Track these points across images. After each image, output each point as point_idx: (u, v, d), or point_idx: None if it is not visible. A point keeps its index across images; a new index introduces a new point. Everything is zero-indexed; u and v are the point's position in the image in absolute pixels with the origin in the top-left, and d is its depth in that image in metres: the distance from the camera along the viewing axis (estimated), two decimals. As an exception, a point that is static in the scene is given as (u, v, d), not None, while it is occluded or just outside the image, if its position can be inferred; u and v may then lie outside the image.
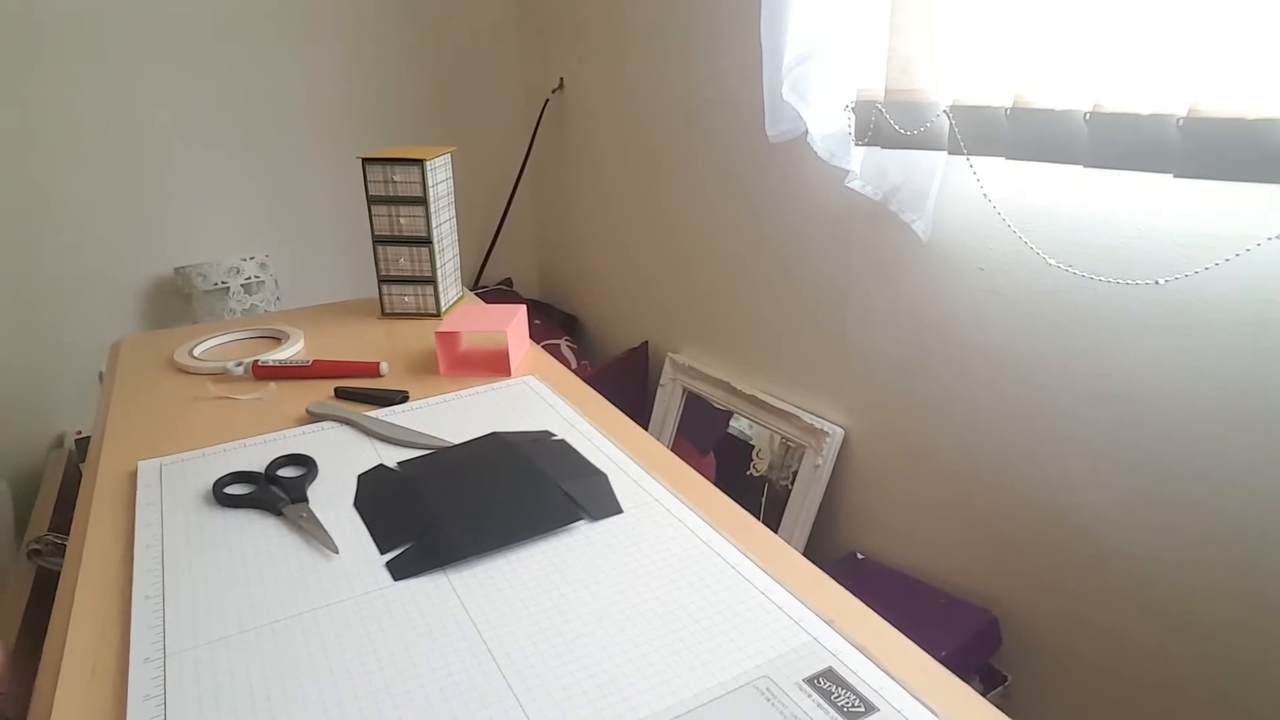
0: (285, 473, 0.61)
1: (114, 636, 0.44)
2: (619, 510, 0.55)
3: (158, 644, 0.42)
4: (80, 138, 1.80)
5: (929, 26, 1.02)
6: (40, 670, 0.43)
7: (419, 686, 0.40)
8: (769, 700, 0.38)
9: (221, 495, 0.58)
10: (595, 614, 0.45)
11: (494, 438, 0.65)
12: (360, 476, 0.60)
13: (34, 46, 1.71)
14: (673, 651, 0.41)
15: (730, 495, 0.57)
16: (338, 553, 0.51)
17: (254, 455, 0.64)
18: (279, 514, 0.56)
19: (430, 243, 0.92)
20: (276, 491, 0.58)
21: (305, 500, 0.57)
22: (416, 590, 0.47)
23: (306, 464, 0.62)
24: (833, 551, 1.49)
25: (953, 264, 1.17)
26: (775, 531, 0.88)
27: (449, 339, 0.80)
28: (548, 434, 0.66)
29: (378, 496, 0.58)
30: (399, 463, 0.62)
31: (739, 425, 1.63)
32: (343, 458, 0.63)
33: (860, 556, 1.43)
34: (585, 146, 2.12)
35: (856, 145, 1.19)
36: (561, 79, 2.14)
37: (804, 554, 0.51)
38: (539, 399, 0.73)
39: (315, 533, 0.53)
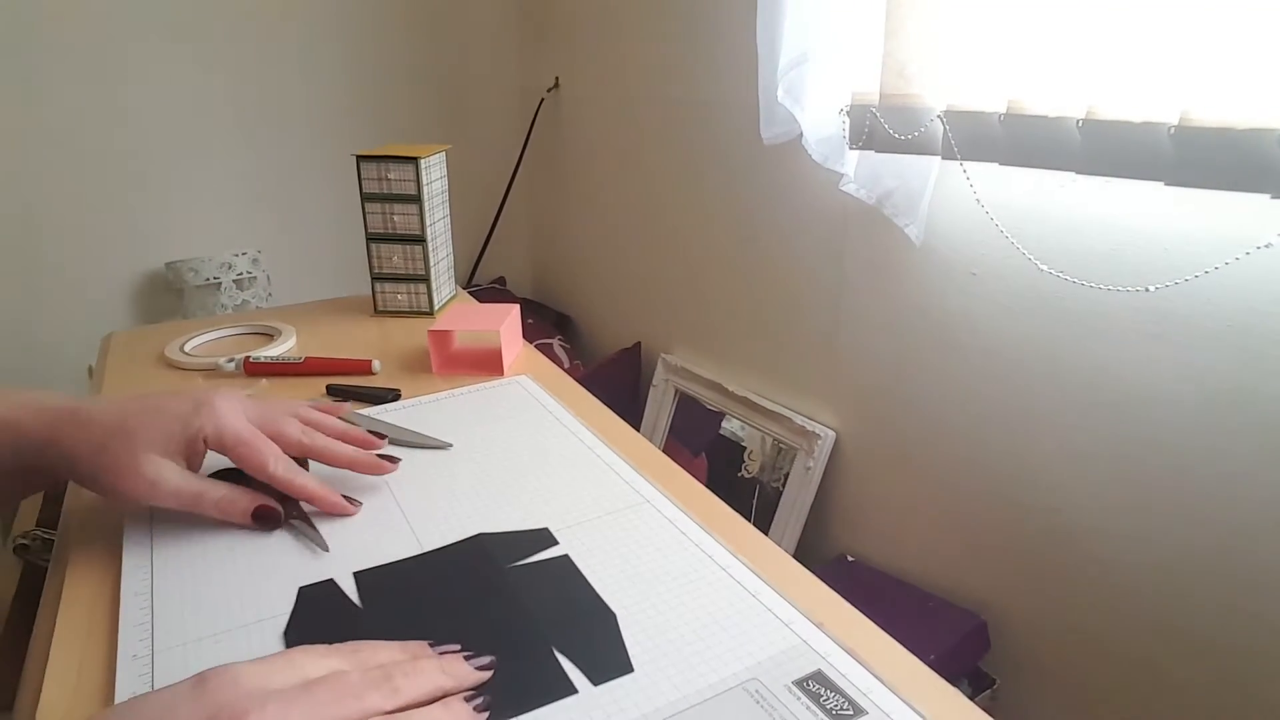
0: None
1: (101, 632, 0.44)
2: (628, 669, 0.41)
3: (145, 641, 0.42)
4: (72, 132, 1.79)
5: (924, 31, 1.03)
6: (27, 664, 0.43)
7: (408, 686, 0.39)
8: (758, 702, 0.38)
9: (211, 492, 0.58)
10: (585, 615, 0.45)
11: (477, 546, 0.51)
12: (302, 591, 0.47)
13: (29, 42, 1.70)
14: (662, 653, 0.41)
15: (721, 497, 0.58)
16: (328, 551, 0.51)
17: (244, 452, 0.63)
18: (269, 511, 0.56)
19: (424, 241, 0.92)
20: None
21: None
22: (406, 589, 0.47)
23: (297, 459, 0.62)
24: (823, 554, 1.50)
25: (945, 268, 1.18)
26: (766, 533, 0.89)
27: (442, 338, 0.80)
28: (545, 533, 0.52)
29: (315, 627, 0.44)
30: (356, 573, 0.48)
31: (731, 427, 1.63)
32: (334, 455, 0.63)
33: (851, 559, 1.43)
34: (580, 147, 2.12)
35: (851, 149, 1.20)
36: (557, 78, 2.14)
37: (794, 556, 0.51)
38: (531, 399, 0.72)
39: (306, 531, 0.52)
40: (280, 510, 0.51)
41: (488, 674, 0.39)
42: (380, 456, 0.57)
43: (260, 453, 0.51)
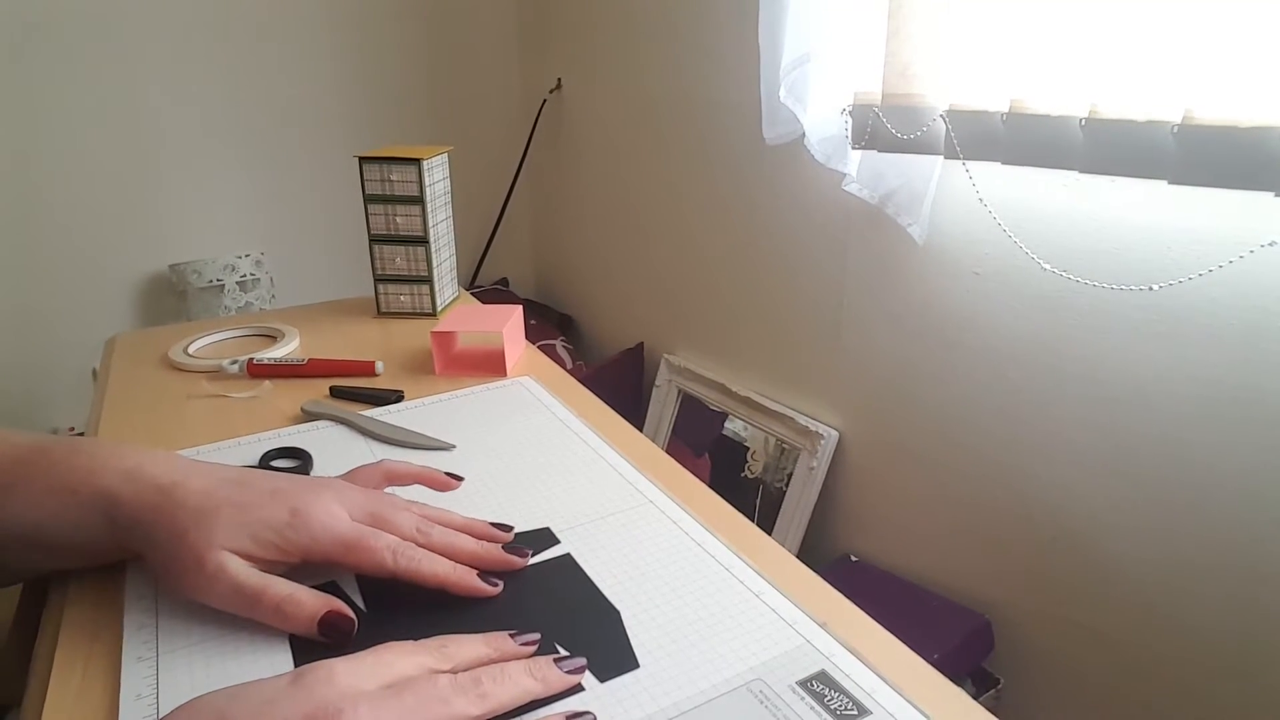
0: (279, 464, 0.61)
1: (106, 635, 0.44)
2: (634, 664, 0.41)
3: (150, 643, 0.42)
4: (76, 134, 1.79)
5: (927, 31, 1.03)
6: (32, 664, 0.43)
7: (412, 687, 0.39)
8: (762, 703, 0.38)
9: (215, 494, 0.57)
10: (589, 615, 0.45)
11: None
12: None
13: (31, 43, 1.70)
14: (665, 653, 0.41)
15: (725, 497, 0.58)
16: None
17: (248, 453, 0.63)
18: (273, 513, 0.55)
19: (427, 242, 0.92)
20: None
21: (299, 499, 0.57)
22: (410, 590, 0.47)
23: (300, 457, 0.62)
24: (826, 554, 1.50)
25: (948, 268, 1.18)
26: (769, 534, 0.88)
27: (445, 339, 0.80)
28: (547, 532, 0.52)
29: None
30: (360, 576, 0.47)
31: (734, 427, 1.63)
32: (337, 456, 0.63)
33: (854, 559, 1.43)
34: (582, 147, 2.12)
35: (853, 148, 1.20)
36: (559, 79, 2.14)
37: (798, 556, 0.51)
38: (534, 400, 0.73)
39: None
40: (355, 620, 0.42)
41: (578, 678, 0.39)
42: (507, 549, 0.48)
43: (373, 551, 0.43)
